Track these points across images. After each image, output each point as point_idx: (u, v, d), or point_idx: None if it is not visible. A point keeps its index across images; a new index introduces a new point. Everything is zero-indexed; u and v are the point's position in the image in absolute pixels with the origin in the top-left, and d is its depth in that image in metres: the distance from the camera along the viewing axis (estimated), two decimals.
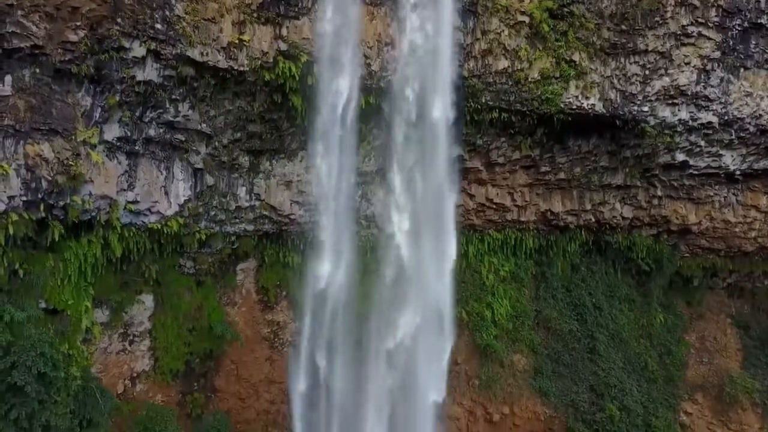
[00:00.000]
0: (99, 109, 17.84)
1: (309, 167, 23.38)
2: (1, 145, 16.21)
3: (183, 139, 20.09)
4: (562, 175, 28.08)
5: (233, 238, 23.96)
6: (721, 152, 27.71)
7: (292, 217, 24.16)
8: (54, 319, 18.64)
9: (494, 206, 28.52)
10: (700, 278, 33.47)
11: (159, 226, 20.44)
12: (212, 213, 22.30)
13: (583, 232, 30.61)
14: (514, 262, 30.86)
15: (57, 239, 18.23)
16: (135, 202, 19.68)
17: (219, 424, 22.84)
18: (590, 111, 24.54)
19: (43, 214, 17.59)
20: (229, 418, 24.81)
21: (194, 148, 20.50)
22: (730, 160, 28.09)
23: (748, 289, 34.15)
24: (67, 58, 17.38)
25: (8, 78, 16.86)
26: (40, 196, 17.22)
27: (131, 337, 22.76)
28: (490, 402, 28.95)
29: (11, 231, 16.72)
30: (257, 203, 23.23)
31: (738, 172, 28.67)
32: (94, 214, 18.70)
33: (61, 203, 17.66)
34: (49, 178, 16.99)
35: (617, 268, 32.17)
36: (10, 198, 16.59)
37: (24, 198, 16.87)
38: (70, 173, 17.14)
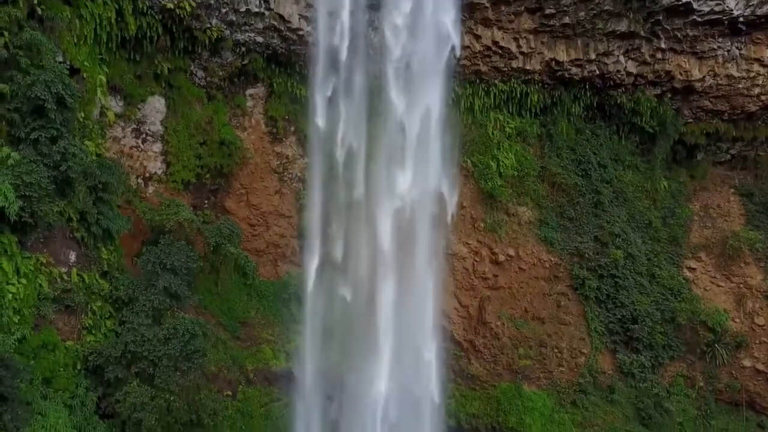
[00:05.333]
0: None
1: None
2: None
3: None
4: (566, 20, 28.33)
5: (243, 50, 24.36)
6: None
7: (300, 32, 24.56)
8: (71, 80, 18.99)
9: (500, 51, 28.83)
10: (704, 147, 33.72)
11: (172, 5, 20.87)
12: (223, 10, 22.77)
13: (587, 90, 30.89)
14: (519, 120, 31.22)
15: None
16: None
17: (231, 226, 23.19)
18: None
19: None
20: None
21: None
22: (734, 3, 28.31)
23: (751, 158, 34.35)
24: None
25: None
26: None
27: (144, 136, 23.29)
28: (496, 244, 29.31)
29: None
30: (267, 12, 23.65)
31: (741, 19, 28.85)
32: None
33: None
34: None
35: (621, 135, 32.45)
36: None
37: None
38: None
